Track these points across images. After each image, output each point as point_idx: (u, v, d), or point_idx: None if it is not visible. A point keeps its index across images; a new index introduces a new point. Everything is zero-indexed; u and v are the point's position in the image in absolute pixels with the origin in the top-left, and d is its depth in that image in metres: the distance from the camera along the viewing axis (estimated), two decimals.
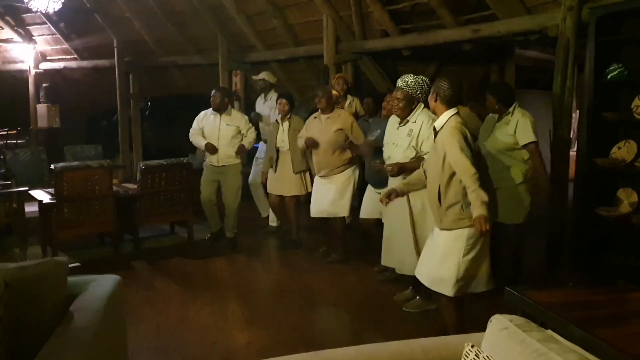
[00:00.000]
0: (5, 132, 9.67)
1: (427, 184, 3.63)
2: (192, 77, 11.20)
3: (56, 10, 8.24)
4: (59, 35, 11.36)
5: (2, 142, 9.45)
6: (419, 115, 4.40)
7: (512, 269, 5.05)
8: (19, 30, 11.52)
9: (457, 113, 3.55)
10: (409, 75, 4.46)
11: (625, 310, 3.04)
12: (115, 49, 10.96)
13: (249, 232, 6.97)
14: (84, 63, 11.77)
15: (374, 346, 2.35)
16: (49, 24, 11.04)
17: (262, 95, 7.54)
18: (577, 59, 5.40)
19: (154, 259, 6.11)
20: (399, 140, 4.50)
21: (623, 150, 4.91)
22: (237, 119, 6.41)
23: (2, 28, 11.41)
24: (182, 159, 6.55)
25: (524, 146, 4.76)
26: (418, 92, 4.34)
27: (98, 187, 5.91)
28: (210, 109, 6.36)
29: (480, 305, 4.40)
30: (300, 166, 6.20)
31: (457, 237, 3.42)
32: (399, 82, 4.44)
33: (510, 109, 4.83)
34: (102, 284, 2.73)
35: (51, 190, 6.11)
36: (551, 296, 3.16)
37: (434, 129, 3.62)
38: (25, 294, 2.29)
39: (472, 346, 2.09)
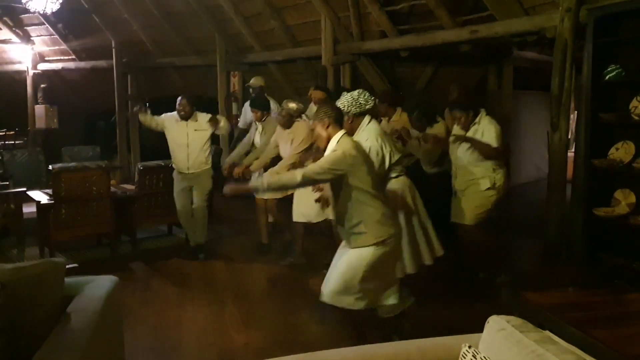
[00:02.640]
0: (3, 133, 9.65)
1: (335, 205, 3.53)
2: (189, 79, 11.20)
3: (54, 11, 8.22)
4: (57, 36, 11.36)
5: (0, 143, 9.45)
6: (363, 133, 4.17)
7: (480, 265, 5.09)
8: (17, 31, 11.51)
9: (346, 133, 3.48)
10: (345, 93, 4.35)
11: (622, 311, 3.04)
12: (114, 50, 10.96)
13: (248, 232, 6.94)
14: (82, 64, 11.77)
15: (371, 347, 2.35)
16: (47, 25, 11.04)
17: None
18: (575, 60, 5.42)
19: (151, 260, 6.10)
20: None
21: (621, 151, 4.93)
22: (204, 122, 6.05)
23: (0, 29, 11.40)
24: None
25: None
26: (350, 107, 4.09)
27: (96, 188, 5.90)
28: (175, 114, 6.02)
29: (477, 306, 4.42)
30: (258, 166, 5.93)
31: (361, 254, 3.35)
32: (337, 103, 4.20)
33: (477, 120, 4.79)
34: (100, 285, 2.72)
35: (49, 191, 6.09)
36: (548, 297, 3.16)
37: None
38: (23, 295, 2.28)
39: (470, 347, 2.09)
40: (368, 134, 4.10)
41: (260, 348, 3.93)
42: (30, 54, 11.82)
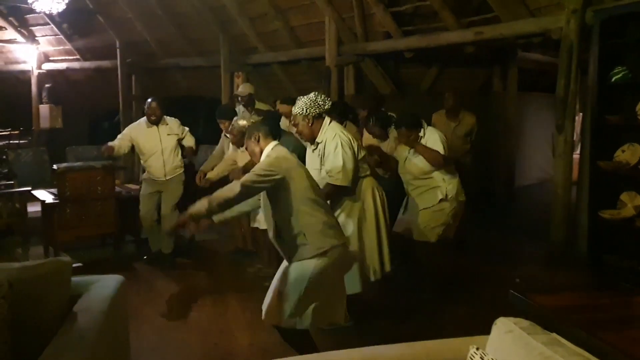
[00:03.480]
0: (8, 133, 9.64)
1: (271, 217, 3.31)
2: (193, 79, 11.21)
3: (59, 11, 8.24)
4: (61, 36, 11.37)
5: (4, 142, 9.42)
6: (327, 132, 4.05)
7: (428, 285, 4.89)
8: (22, 30, 11.52)
9: (279, 144, 3.36)
10: (300, 97, 4.15)
11: (630, 313, 3.03)
12: (118, 50, 10.97)
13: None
14: (87, 64, 11.78)
15: (377, 348, 2.34)
16: (52, 25, 11.06)
17: (245, 109, 6.79)
18: (581, 62, 5.40)
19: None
20: (313, 164, 4.14)
21: (627, 154, 4.90)
22: (174, 126, 5.96)
23: (6, 29, 11.40)
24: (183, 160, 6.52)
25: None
26: (308, 109, 3.99)
27: (100, 188, 5.90)
28: (143, 121, 5.88)
29: (483, 308, 4.40)
30: (216, 175, 5.67)
31: (302, 268, 3.15)
32: (294, 109, 4.12)
33: (421, 134, 4.71)
34: (106, 284, 2.73)
35: (54, 190, 6.10)
36: (555, 299, 3.15)
37: None
38: (29, 294, 2.28)
39: (477, 349, 2.09)
40: (333, 131, 4.00)
41: (265, 349, 3.92)
42: (35, 53, 11.83)
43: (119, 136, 5.92)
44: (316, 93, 4.07)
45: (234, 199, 3.09)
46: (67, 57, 12.00)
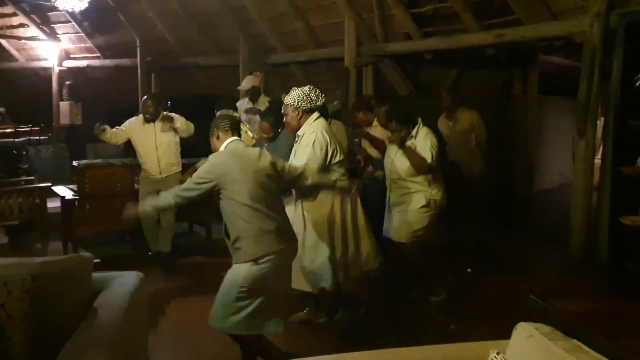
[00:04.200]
0: (29, 129, 9.77)
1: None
2: (212, 78, 11.25)
3: (82, 9, 8.32)
4: (82, 34, 11.48)
5: (25, 139, 9.56)
6: (309, 126, 4.00)
7: (422, 284, 4.87)
8: (44, 28, 11.66)
9: (238, 140, 3.34)
10: (294, 88, 4.12)
11: None
12: (138, 49, 11.05)
13: None
14: (107, 62, 11.89)
15: (395, 351, 2.34)
16: (74, 23, 11.17)
17: (250, 102, 6.68)
18: (603, 66, 5.34)
19: (173, 257, 6.13)
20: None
21: None
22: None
23: (28, 26, 11.56)
24: (201, 158, 6.52)
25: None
26: (300, 102, 3.95)
27: (119, 185, 5.95)
28: (140, 117, 5.83)
29: (501, 312, 4.37)
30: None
31: (236, 272, 3.16)
32: (286, 99, 4.08)
33: (413, 133, 4.58)
34: (126, 280, 2.75)
35: (73, 186, 6.16)
36: (575, 305, 3.11)
37: None
38: (51, 288, 2.30)
39: (498, 353, 2.07)
40: (314, 128, 3.94)
41: (282, 347, 3.93)
42: (56, 51, 11.96)
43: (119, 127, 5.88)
44: (311, 87, 4.02)
45: (170, 208, 3.28)
46: (87, 55, 12.12)
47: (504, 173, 8.73)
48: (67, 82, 11.99)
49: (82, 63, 12.17)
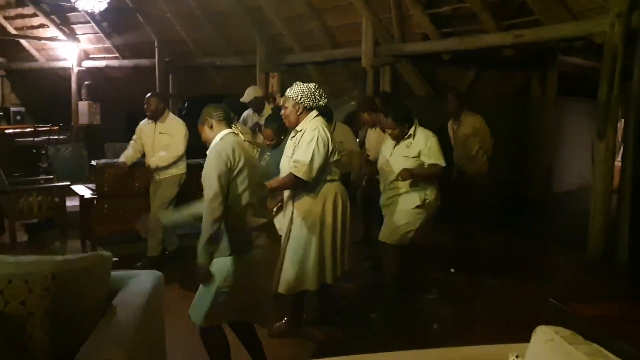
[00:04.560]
0: (48, 128, 9.89)
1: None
2: (228, 78, 11.30)
3: (101, 9, 8.40)
4: (101, 34, 11.60)
5: (44, 138, 9.67)
6: (310, 122, 3.91)
7: (396, 288, 4.67)
8: (64, 28, 11.80)
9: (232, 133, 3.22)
10: (298, 83, 4.00)
11: None
12: (156, 49, 11.14)
13: None
14: (125, 62, 11.99)
15: (413, 353, 2.32)
16: (93, 23, 11.29)
17: (256, 113, 6.50)
18: (624, 67, 5.27)
19: (190, 256, 6.12)
20: (287, 151, 4.02)
21: None
22: (171, 126, 5.68)
23: (48, 26, 11.70)
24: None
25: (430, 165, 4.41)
26: (303, 98, 3.87)
27: (137, 184, 5.97)
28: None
29: (519, 315, 4.34)
30: None
31: (222, 265, 3.07)
32: (288, 92, 3.98)
33: (411, 131, 4.43)
34: (144, 279, 2.76)
35: (92, 185, 6.20)
36: (595, 309, 3.07)
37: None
38: (71, 286, 2.33)
39: (517, 356, 2.05)
40: (315, 124, 3.84)
41: (297, 348, 3.93)
42: (75, 51, 12.09)
43: (131, 143, 5.83)
44: (317, 86, 3.94)
45: (220, 213, 2.96)
46: (106, 55, 12.23)
47: (521, 175, 8.67)
48: (86, 82, 12.12)
49: (101, 63, 12.30)
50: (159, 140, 5.63)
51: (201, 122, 3.23)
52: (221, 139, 3.12)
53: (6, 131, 10.19)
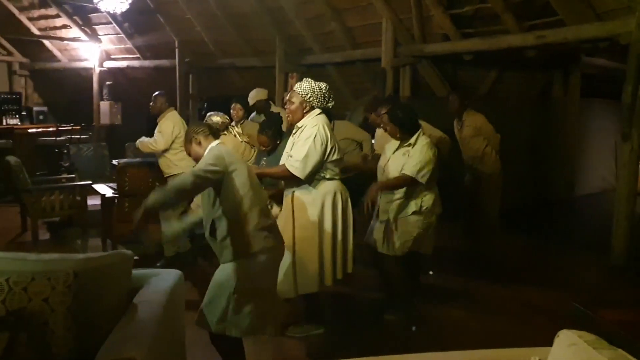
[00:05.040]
0: (70, 128, 10.01)
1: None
2: (248, 79, 11.33)
3: (123, 11, 8.48)
4: (123, 35, 11.70)
5: (66, 137, 9.79)
6: (311, 120, 3.83)
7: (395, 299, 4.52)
8: (86, 29, 11.93)
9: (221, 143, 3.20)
10: (308, 79, 3.97)
11: None
12: (177, 50, 11.21)
13: None
14: (146, 63, 12.09)
15: (434, 355, 2.31)
16: (114, 24, 11.39)
17: (261, 116, 6.37)
18: None
19: (209, 255, 6.14)
20: (287, 147, 3.97)
21: None
22: (163, 124, 5.73)
23: (70, 27, 11.84)
24: None
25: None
26: (312, 97, 3.82)
27: (158, 184, 6.01)
28: None
29: (541, 319, 4.29)
30: None
31: (228, 270, 3.03)
32: (296, 87, 3.94)
33: (412, 140, 4.22)
34: (165, 278, 2.78)
35: (113, 185, 6.27)
36: (619, 314, 3.03)
37: None
38: (93, 284, 2.35)
39: None
40: (316, 122, 3.77)
41: (318, 348, 3.93)
42: (97, 51, 12.21)
43: None
44: (327, 86, 3.89)
45: (189, 190, 2.95)
46: (127, 56, 12.34)
47: (543, 178, 8.58)
48: (108, 83, 12.25)
49: (122, 64, 12.41)
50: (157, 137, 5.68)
51: (187, 142, 3.19)
52: (211, 149, 3.10)
53: (29, 130, 10.31)
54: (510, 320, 4.47)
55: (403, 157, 4.22)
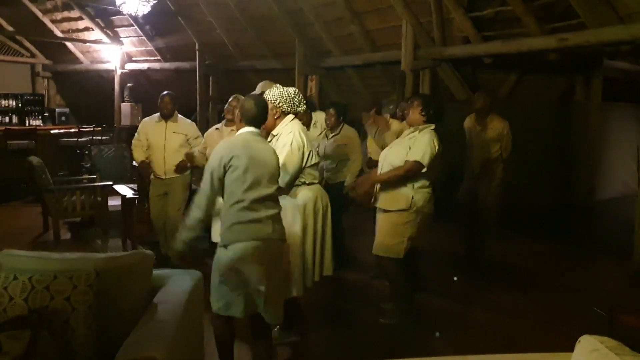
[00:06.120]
0: (92, 129, 10.13)
1: None
2: None
3: (144, 13, 8.57)
4: (144, 38, 11.82)
5: (88, 138, 9.91)
6: (286, 126, 3.81)
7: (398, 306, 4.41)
8: (108, 31, 12.08)
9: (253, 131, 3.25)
10: (277, 85, 3.97)
11: None
12: (197, 52, 11.29)
13: None
14: (167, 65, 12.20)
15: (456, 359, 2.29)
16: (136, 27, 11.52)
17: None
18: None
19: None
20: None
21: None
22: (184, 126, 5.78)
23: (93, 29, 11.99)
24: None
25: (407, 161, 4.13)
26: (281, 102, 3.78)
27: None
28: (156, 115, 5.80)
29: (562, 324, 4.25)
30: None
31: (216, 255, 3.17)
32: (266, 94, 3.87)
33: (420, 127, 4.18)
34: (184, 278, 2.80)
35: (133, 186, 6.33)
36: None
37: None
38: (114, 283, 2.38)
39: None
40: (292, 128, 3.75)
41: (327, 350, 3.92)
42: (119, 54, 12.36)
43: (135, 139, 5.85)
44: (296, 91, 3.85)
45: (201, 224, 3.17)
46: (148, 58, 12.47)
47: (564, 182, 8.49)
48: (129, 84, 12.38)
49: (143, 66, 12.54)
50: (174, 139, 5.65)
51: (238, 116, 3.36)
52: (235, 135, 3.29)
53: (51, 131, 10.46)
54: (529, 325, 4.42)
55: (409, 141, 4.19)
